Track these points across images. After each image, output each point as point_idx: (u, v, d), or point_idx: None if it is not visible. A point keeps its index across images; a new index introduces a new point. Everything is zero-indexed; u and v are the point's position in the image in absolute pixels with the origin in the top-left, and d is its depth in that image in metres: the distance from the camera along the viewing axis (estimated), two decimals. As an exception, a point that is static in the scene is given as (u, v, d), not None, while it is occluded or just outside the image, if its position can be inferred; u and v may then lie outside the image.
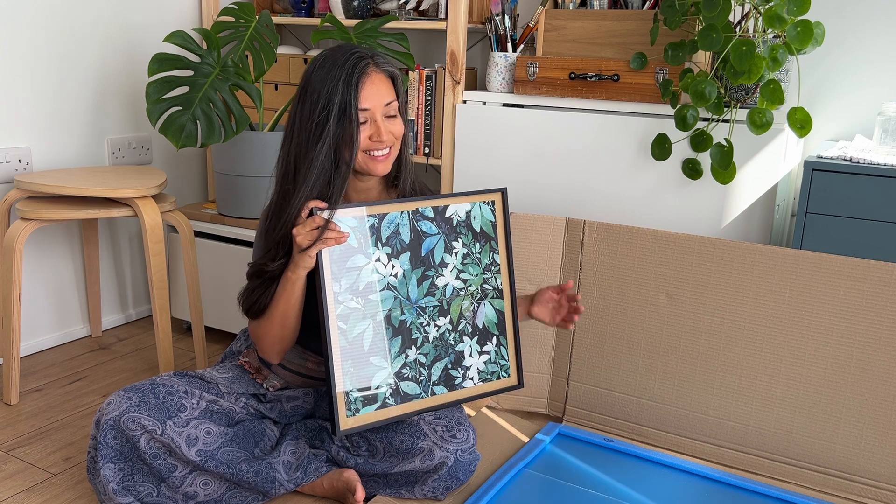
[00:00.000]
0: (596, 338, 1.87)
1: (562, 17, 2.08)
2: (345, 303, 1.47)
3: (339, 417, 1.46)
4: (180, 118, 2.14)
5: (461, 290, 1.59)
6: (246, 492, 1.51)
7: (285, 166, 1.50)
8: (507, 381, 1.64)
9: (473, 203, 1.61)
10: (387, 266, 1.51)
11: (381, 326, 1.50)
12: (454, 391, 1.57)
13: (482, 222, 1.61)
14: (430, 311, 1.56)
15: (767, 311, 1.69)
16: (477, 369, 1.60)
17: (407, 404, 1.53)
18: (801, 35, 1.64)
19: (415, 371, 1.53)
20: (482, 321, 1.61)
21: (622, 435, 1.84)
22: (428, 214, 1.56)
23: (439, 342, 1.56)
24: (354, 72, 1.45)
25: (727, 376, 1.74)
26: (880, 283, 1.60)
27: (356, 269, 1.48)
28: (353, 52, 1.47)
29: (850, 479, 1.64)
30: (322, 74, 1.46)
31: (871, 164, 1.63)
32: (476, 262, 1.61)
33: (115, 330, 2.51)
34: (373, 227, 1.49)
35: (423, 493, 1.52)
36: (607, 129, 1.98)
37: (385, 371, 1.51)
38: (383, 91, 1.49)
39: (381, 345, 1.50)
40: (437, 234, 1.57)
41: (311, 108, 1.45)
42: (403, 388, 1.52)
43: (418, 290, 1.54)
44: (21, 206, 1.95)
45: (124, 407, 1.43)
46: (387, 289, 1.51)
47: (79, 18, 2.26)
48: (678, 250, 1.78)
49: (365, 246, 1.49)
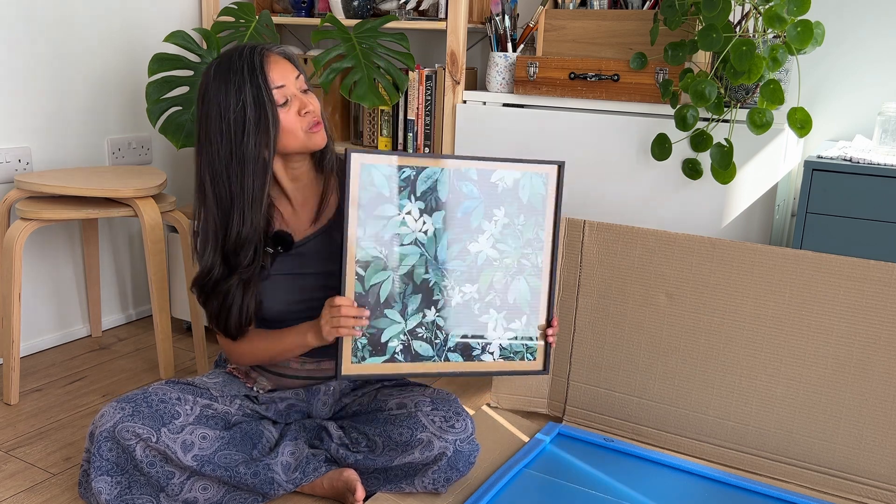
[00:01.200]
0: (596, 338, 1.87)
1: (562, 17, 2.08)
2: (367, 249, 1.45)
3: (342, 361, 1.45)
4: (180, 118, 2.15)
5: (495, 261, 1.53)
6: (245, 494, 1.50)
7: (203, 182, 1.48)
8: (531, 365, 1.58)
9: (524, 172, 1.53)
10: (417, 221, 1.48)
11: (401, 281, 1.47)
12: (470, 362, 1.53)
13: (531, 194, 1.54)
14: (457, 276, 1.51)
15: (767, 311, 1.69)
16: (499, 345, 1.55)
17: (417, 364, 1.50)
18: (801, 35, 1.64)
19: (430, 333, 1.51)
20: (514, 297, 1.55)
21: (622, 435, 1.84)
22: (471, 176, 1.50)
23: (462, 308, 1.52)
24: (254, 59, 1.45)
25: (727, 376, 1.74)
26: (880, 283, 1.60)
27: (384, 218, 1.45)
28: (245, 47, 1.48)
29: (850, 479, 1.64)
30: (220, 80, 1.45)
31: (871, 164, 1.63)
32: (517, 234, 1.54)
33: (115, 330, 2.51)
34: (408, 178, 1.46)
35: (424, 486, 1.52)
36: (607, 129, 1.98)
37: (399, 326, 1.48)
38: (288, 68, 1.49)
39: (398, 299, 1.48)
40: (478, 198, 1.51)
41: (222, 111, 1.44)
42: (415, 346, 1.50)
43: (447, 252, 1.50)
44: (21, 206, 1.95)
45: (118, 417, 1.42)
46: (414, 244, 1.48)
47: (79, 18, 2.26)
48: (678, 250, 1.78)
49: (397, 196, 1.45)
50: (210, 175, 1.47)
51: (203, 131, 1.47)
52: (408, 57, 2.21)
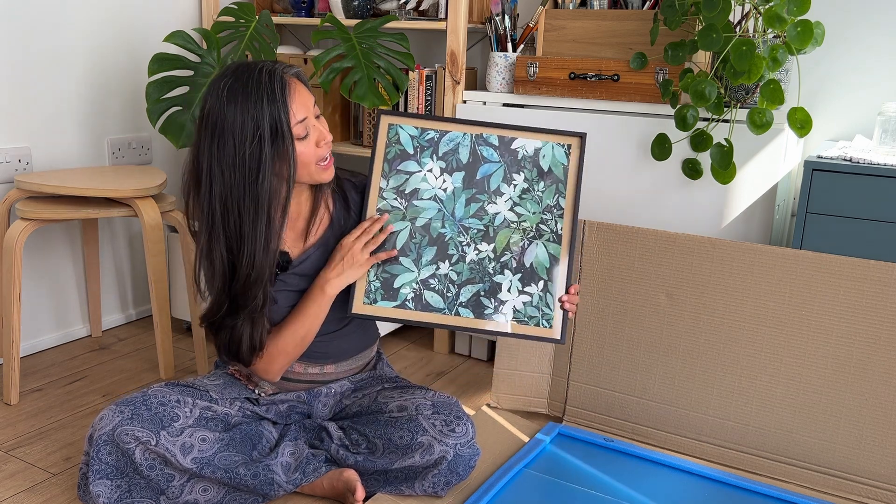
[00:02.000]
0: (596, 338, 1.87)
1: (562, 17, 2.08)
2: (388, 199, 1.54)
3: (354, 298, 1.51)
4: (180, 118, 2.15)
5: (512, 223, 1.56)
6: (246, 495, 1.50)
7: (211, 216, 1.44)
8: (546, 332, 1.54)
9: (546, 142, 1.58)
10: (438, 179, 1.56)
11: (417, 232, 1.54)
12: (481, 319, 1.53)
13: (552, 162, 1.58)
14: (473, 234, 1.56)
15: (767, 311, 1.69)
16: (513, 307, 1.54)
17: (426, 314, 1.53)
18: (801, 35, 1.64)
19: (443, 285, 1.54)
20: (531, 260, 1.55)
21: (622, 435, 1.84)
22: (492, 142, 1.58)
23: (476, 266, 1.55)
24: (275, 87, 1.40)
25: (727, 376, 1.74)
26: (880, 283, 1.60)
27: (406, 173, 1.55)
28: (260, 69, 1.41)
29: (850, 479, 1.64)
30: (236, 105, 1.39)
31: (871, 164, 1.63)
32: (537, 199, 1.57)
33: (115, 330, 2.51)
34: (432, 139, 1.55)
35: (424, 489, 1.52)
36: (607, 129, 1.98)
37: (412, 274, 1.54)
38: (307, 96, 1.47)
39: (413, 248, 1.54)
40: (498, 162, 1.57)
41: (237, 142, 1.39)
42: (427, 297, 1.54)
43: (465, 210, 1.56)
44: (21, 206, 1.95)
45: (117, 420, 1.42)
46: (433, 199, 1.55)
47: (79, 18, 2.26)
48: (678, 250, 1.78)
49: (420, 155, 1.55)
50: (221, 208, 1.43)
51: (216, 159, 1.41)
52: (408, 57, 2.21)
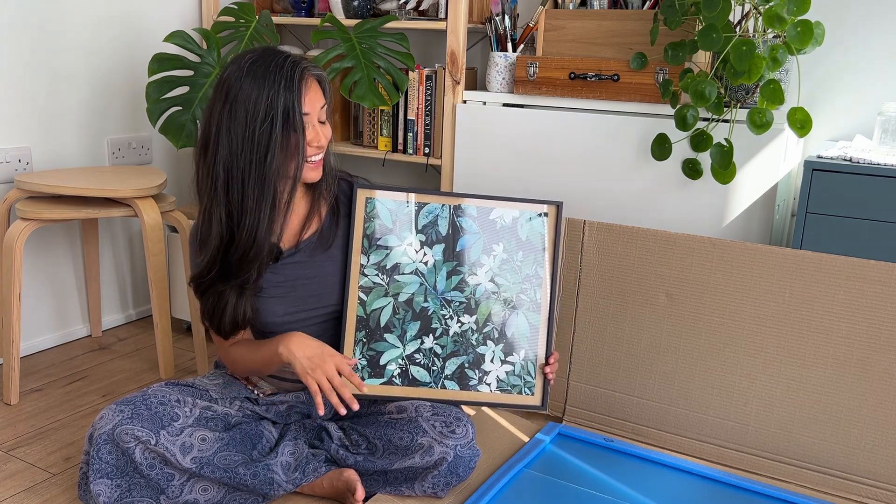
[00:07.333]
0: (596, 338, 1.87)
1: (562, 17, 2.08)
2: (369, 276, 1.53)
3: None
4: (180, 118, 2.15)
5: (493, 294, 1.58)
6: (246, 495, 1.50)
7: (215, 180, 1.43)
8: (529, 399, 1.60)
9: (522, 211, 1.59)
10: (418, 252, 1.55)
11: (401, 307, 1.54)
12: (466, 391, 1.57)
13: (530, 232, 1.60)
14: (456, 306, 1.57)
15: (767, 311, 1.69)
16: (496, 377, 1.59)
17: (413, 388, 1.55)
18: (801, 35, 1.64)
19: (428, 359, 1.55)
20: (512, 331, 1.59)
21: (622, 435, 1.84)
22: (470, 213, 1.58)
23: (460, 338, 1.57)
24: (294, 76, 1.40)
25: (727, 376, 1.74)
26: (880, 283, 1.60)
27: (386, 248, 1.55)
28: (286, 57, 1.43)
29: (850, 479, 1.64)
30: (255, 80, 1.39)
31: (871, 164, 1.63)
32: (516, 269, 1.60)
33: (115, 330, 2.51)
34: (410, 213, 1.55)
35: (424, 490, 1.52)
36: (607, 129, 1.98)
37: (397, 350, 1.54)
38: (319, 96, 1.47)
39: (397, 324, 1.54)
40: (477, 233, 1.58)
41: (249, 116, 1.39)
42: (413, 372, 1.54)
43: (446, 283, 1.56)
44: (21, 206, 1.95)
45: (117, 420, 1.42)
46: (414, 273, 1.55)
47: (79, 18, 2.26)
48: (678, 250, 1.78)
49: (400, 229, 1.54)
50: (225, 174, 1.43)
51: (225, 125, 1.42)
52: (408, 57, 2.21)
